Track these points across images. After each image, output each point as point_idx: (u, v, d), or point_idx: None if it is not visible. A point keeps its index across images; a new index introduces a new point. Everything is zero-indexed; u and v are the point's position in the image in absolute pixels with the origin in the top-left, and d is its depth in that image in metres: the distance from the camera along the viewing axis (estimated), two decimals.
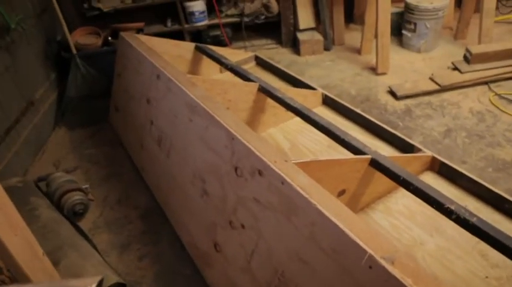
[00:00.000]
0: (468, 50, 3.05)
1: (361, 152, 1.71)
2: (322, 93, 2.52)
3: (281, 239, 1.28)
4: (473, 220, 1.35)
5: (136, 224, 2.15)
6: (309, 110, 2.06)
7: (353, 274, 1.04)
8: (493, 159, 2.31)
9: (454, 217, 1.39)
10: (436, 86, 2.96)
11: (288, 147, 2.25)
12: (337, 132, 1.87)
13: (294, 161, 1.37)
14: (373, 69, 3.35)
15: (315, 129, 1.99)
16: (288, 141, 2.30)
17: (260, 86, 2.28)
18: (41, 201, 2.03)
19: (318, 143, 2.21)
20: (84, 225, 2.13)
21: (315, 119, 1.98)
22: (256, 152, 1.38)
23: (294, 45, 3.87)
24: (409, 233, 1.65)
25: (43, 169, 2.60)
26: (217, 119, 1.60)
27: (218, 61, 2.71)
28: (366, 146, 1.75)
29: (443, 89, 2.95)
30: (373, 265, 0.99)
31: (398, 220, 1.72)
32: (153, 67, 2.17)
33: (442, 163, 1.90)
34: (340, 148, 1.86)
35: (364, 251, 1.01)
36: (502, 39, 3.51)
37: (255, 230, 1.38)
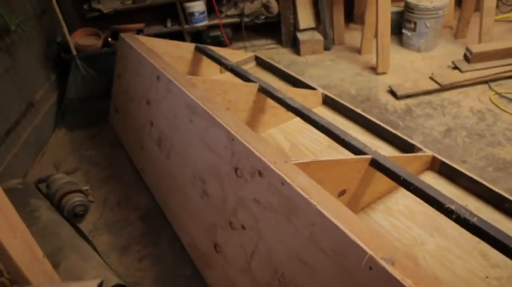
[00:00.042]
0: (468, 49, 3.04)
1: (362, 152, 1.71)
2: (323, 93, 2.52)
3: (281, 240, 1.28)
4: (474, 219, 1.35)
5: (136, 225, 2.15)
6: (309, 110, 2.06)
7: (353, 275, 1.04)
8: (493, 158, 2.30)
9: (454, 216, 1.39)
10: (436, 86, 2.95)
11: (288, 147, 2.25)
12: (337, 132, 1.87)
13: (294, 162, 1.37)
14: (373, 69, 3.35)
15: (315, 130, 1.99)
16: (288, 141, 2.29)
17: (260, 86, 2.28)
18: (41, 203, 2.03)
19: (318, 143, 2.21)
20: (84, 227, 2.14)
21: (315, 119, 1.98)
22: (256, 153, 1.38)
23: (294, 45, 3.87)
24: (409, 233, 1.65)
25: (43, 171, 2.61)
26: (217, 119, 1.60)
27: (218, 61, 2.71)
28: (366, 146, 1.75)
29: (443, 88, 2.95)
30: (373, 266, 0.99)
31: (399, 220, 1.72)
32: (153, 68, 2.17)
33: (442, 162, 1.90)
34: (340, 148, 1.86)
35: (364, 252, 1.01)
36: (502, 38, 3.51)
37: (255, 231, 1.38)
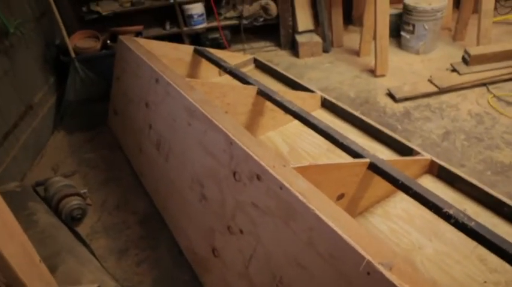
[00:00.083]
0: (467, 52, 3.04)
1: (360, 156, 1.71)
2: (321, 96, 2.52)
3: (279, 245, 1.28)
4: (472, 224, 1.35)
5: (134, 229, 2.14)
6: (307, 113, 2.06)
7: (351, 280, 1.04)
8: (492, 162, 2.30)
9: (452, 221, 1.39)
10: (434, 88, 2.95)
11: (287, 150, 2.25)
12: (336, 135, 1.87)
13: (292, 166, 1.37)
14: (371, 71, 3.35)
15: (314, 133, 1.99)
16: (287, 144, 2.29)
17: (259, 89, 2.28)
18: (39, 206, 2.02)
19: (317, 146, 2.20)
20: (82, 230, 2.13)
21: (314, 122, 1.98)
22: (254, 157, 1.38)
23: (293, 48, 3.87)
24: (407, 238, 1.65)
25: (41, 174, 2.60)
26: (216, 123, 1.60)
27: (217, 64, 2.71)
28: (364, 149, 1.75)
29: (442, 91, 2.95)
30: (371, 271, 0.99)
31: (397, 224, 1.72)
32: (151, 71, 2.17)
33: (440, 166, 1.89)
34: (339, 151, 1.86)
35: (362, 257, 1.01)
36: (500, 40, 3.51)
37: (253, 235, 1.38)
